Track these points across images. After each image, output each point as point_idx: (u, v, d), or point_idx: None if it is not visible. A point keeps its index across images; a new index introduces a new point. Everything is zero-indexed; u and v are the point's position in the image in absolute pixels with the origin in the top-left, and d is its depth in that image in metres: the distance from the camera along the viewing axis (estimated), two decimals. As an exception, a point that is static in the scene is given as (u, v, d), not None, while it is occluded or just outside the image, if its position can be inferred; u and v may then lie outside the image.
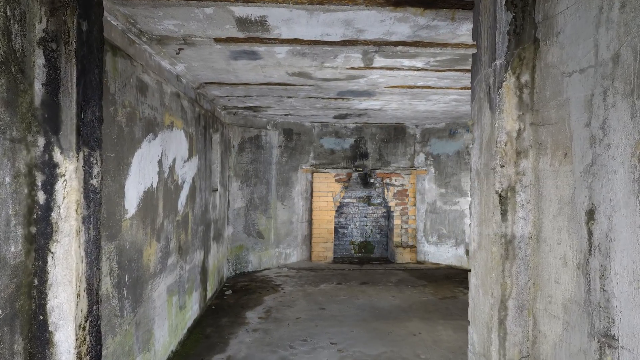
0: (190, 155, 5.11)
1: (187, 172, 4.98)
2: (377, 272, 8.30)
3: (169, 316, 4.37)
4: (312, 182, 9.22)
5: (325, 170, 9.16)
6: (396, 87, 5.56)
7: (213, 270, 6.56)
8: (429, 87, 5.57)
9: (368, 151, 9.49)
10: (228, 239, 7.88)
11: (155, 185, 3.92)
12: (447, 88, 5.64)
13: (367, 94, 6.04)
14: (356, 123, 9.33)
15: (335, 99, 6.47)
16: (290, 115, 8.23)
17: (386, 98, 6.35)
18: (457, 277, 7.95)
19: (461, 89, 5.61)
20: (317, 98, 6.44)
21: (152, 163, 3.84)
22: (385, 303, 6.34)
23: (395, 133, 9.50)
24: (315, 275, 8.00)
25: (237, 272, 8.06)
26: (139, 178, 3.52)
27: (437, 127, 9.18)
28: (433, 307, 6.17)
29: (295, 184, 9.07)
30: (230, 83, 5.46)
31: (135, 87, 3.43)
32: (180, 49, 4.02)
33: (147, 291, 3.73)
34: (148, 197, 3.74)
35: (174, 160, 4.49)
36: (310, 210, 9.23)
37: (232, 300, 6.44)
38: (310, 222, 9.25)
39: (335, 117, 8.52)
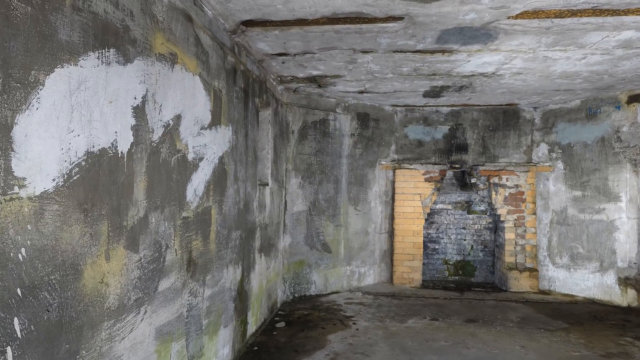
0: (214, 122, 3.38)
1: (207, 145, 3.25)
2: (486, 305, 6.01)
3: (162, 378, 2.59)
4: (393, 182, 7.17)
5: (411, 167, 7.08)
6: (538, 13, 3.44)
7: (259, 294, 4.77)
8: (594, 10, 3.37)
9: (467, 142, 7.26)
10: (284, 252, 6.08)
11: (125, 148, 2.19)
12: (628, 12, 3.40)
13: (484, 36, 3.97)
14: (452, 106, 7.17)
15: (432, 52, 4.46)
16: (366, 93, 6.33)
17: (512, 45, 4.21)
18: (611, 318, 5.41)
19: (655, 9, 3.34)
20: (405, 52, 4.48)
21: (118, 105, 2.12)
22: (512, 358, 4.10)
23: (504, 118, 7.19)
24: (399, 305, 5.91)
25: (296, 295, 6.21)
26: (71, 122, 1.80)
27: (566, 107, 6.73)
28: (598, 371, 3.83)
29: (371, 183, 7.09)
30: (280, 21, 3.71)
31: (59, -62, 1.73)
32: None
33: (95, 344, 1.97)
34: (102, 165, 2.02)
35: (179, 117, 2.77)
36: (392, 218, 7.17)
37: (283, 339, 4.58)
38: (391, 234, 7.19)
39: (424, 96, 6.47)
